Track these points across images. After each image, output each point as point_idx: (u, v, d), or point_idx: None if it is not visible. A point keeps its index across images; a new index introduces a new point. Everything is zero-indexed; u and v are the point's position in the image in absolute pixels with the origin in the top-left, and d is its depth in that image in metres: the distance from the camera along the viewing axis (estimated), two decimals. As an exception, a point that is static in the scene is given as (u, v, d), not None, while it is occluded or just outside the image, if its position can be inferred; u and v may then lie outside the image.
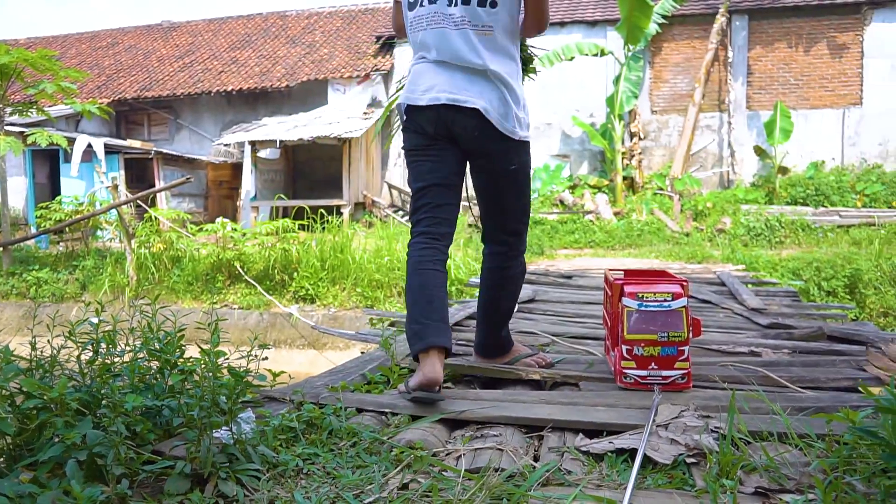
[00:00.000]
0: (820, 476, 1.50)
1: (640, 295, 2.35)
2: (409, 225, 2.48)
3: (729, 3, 14.59)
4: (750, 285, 6.13)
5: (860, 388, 1.82)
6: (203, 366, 1.73)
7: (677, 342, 2.33)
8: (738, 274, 7.23)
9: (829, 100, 14.69)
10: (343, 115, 16.21)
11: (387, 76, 16.88)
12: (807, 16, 14.74)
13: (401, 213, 15.72)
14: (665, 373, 2.33)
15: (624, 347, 2.35)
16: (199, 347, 1.77)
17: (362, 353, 3.17)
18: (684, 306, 2.35)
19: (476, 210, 2.81)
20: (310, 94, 17.47)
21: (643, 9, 13.12)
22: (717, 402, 2.14)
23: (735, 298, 5.00)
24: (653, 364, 2.32)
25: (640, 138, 15.02)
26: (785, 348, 3.14)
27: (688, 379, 2.36)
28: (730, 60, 14.94)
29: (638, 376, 2.34)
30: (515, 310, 2.88)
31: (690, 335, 2.38)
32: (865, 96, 14.49)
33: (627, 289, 2.37)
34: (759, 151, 14.29)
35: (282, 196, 14.07)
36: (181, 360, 1.89)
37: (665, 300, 2.34)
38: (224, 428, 1.66)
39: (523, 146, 2.43)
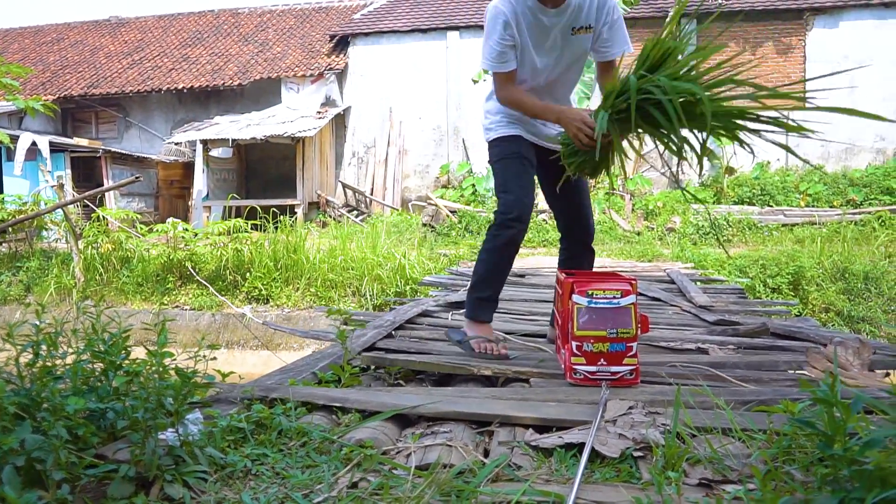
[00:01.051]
0: (761, 466, 1.54)
1: (590, 292, 2.38)
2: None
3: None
4: (698, 283, 6.26)
5: (799, 382, 1.88)
6: (149, 367, 1.70)
7: (626, 339, 2.37)
8: (687, 272, 7.38)
9: (773, 102, 15.04)
10: (297, 114, 16.06)
11: (341, 75, 16.78)
12: (753, 20, 15.11)
13: (355, 212, 15.65)
14: (614, 369, 2.37)
15: (574, 344, 2.38)
16: (146, 349, 1.74)
17: (314, 351, 3.15)
18: (633, 303, 2.39)
19: (430, 209, 3.16)
20: (263, 93, 17.27)
21: (595, 11, 13.26)
22: (665, 397, 2.19)
23: (684, 296, 5.10)
24: (602, 360, 2.36)
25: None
26: (731, 344, 3.22)
27: (636, 375, 2.40)
28: (679, 63, 15.20)
29: (587, 372, 2.37)
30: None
31: (639, 332, 2.42)
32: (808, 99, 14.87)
33: (577, 286, 2.40)
34: (708, 152, 14.57)
35: (234, 196, 13.88)
36: (127, 361, 1.85)
37: (614, 297, 2.37)
38: (170, 430, 1.64)
39: (489, 146, 2.98)
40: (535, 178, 2.97)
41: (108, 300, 8.88)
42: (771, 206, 13.20)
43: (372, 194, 16.23)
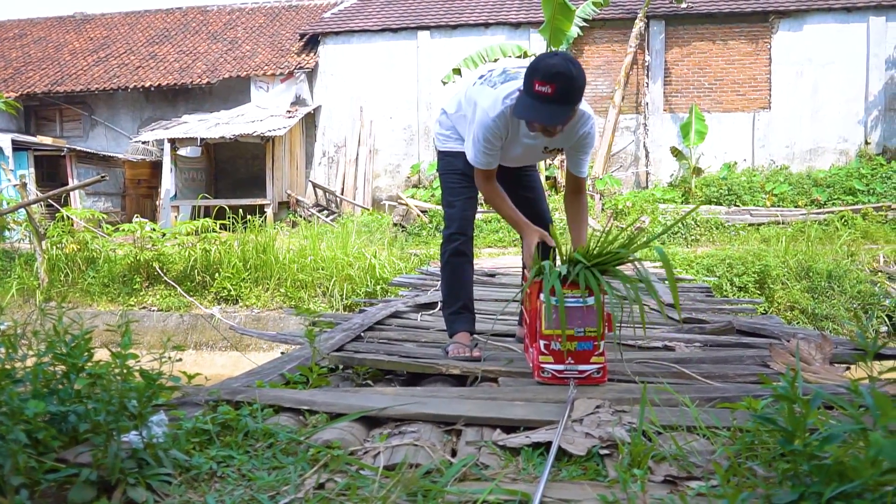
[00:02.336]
0: (724, 463, 1.56)
1: (558, 291, 2.40)
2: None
3: (647, 8, 15.01)
4: (666, 282, 6.32)
5: (761, 378, 1.91)
6: (113, 369, 1.67)
7: (593, 337, 2.39)
8: (655, 271, 7.45)
9: (740, 104, 15.31)
10: (266, 113, 15.95)
11: (311, 74, 16.68)
12: (719, 23, 15.32)
13: (325, 212, 15.58)
14: (581, 367, 2.38)
15: (542, 342, 2.39)
16: (110, 351, 1.71)
17: (282, 353, 3.13)
18: (601, 302, 2.41)
19: (401, 209, 3.30)
20: (232, 92, 17.11)
21: (565, 12, 13.37)
22: (631, 395, 2.21)
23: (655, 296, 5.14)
24: (569, 359, 2.37)
25: (562, 139, 15.28)
26: (697, 342, 3.26)
27: (603, 373, 2.42)
28: (647, 64, 15.39)
29: (555, 371, 2.38)
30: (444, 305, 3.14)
31: (606, 330, 2.43)
32: (774, 101, 15.17)
33: (545, 285, 2.42)
34: (676, 153, 14.78)
35: (203, 195, 13.73)
36: (90, 363, 1.82)
37: (581, 296, 2.39)
38: (134, 432, 1.61)
39: (438, 155, 3.17)
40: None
41: (72, 301, 8.74)
42: (738, 206, 13.40)
43: (342, 194, 16.16)
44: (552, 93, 2.42)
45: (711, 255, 9.47)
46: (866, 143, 14.90)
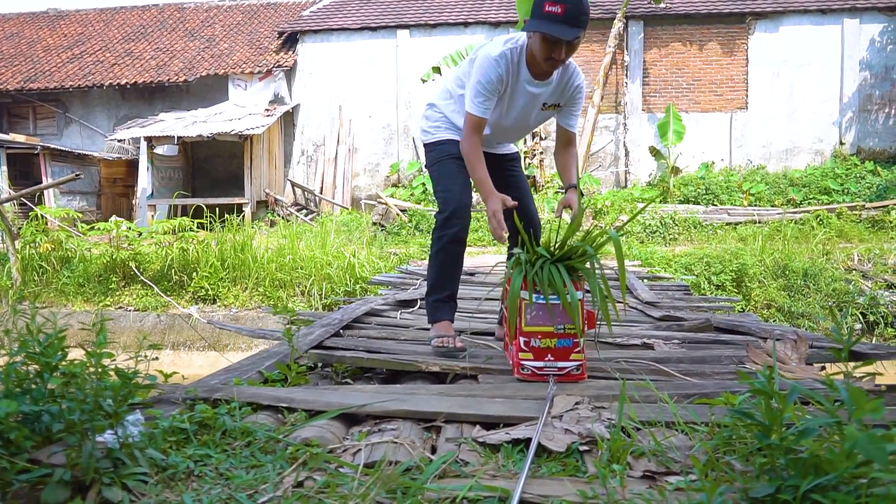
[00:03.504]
0: (702, 458, 1.57)
1: (538, 288, 2.40)
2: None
3: (625, 8, 15.10)
4: (645, 280, 6.37)
5: (738, 374, 1.92)
6: (88, 368, 1.65)
7: (573, 334, 2.39)
8: (634, 269, 7.50)
9: (718, 104, 15.46)
10: (244, 111, 15.84)
11: (290, 72, 16.60)
12: (697, 24, 15.45)
13: (304, 211, 15.50)
14: (561, 364, 2.39)
15: (521, 339, 2.40)
16: (85, 350, 1.68)
17: (260, 351, 3.10)
18: (580, 299, 2.42)
19: (380, 208, 3.23)
20: (209, 90, 16.98)
21: (543, 11, 13.38)
22: (611, 391, 2.22)
23: (631, 293, 5.18)
24: (549, 356, 2.38)
25: (541, 138, 15.36)
26: (675, 339, 3.28)
27: (582, 370, 2.42)
28: (626, 64, 15.48)
29: (535, 367, 2.39)
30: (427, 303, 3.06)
31: (585, 327, 2.44)
32: (751, 101, 15.33)
33: (526, 282, 2.42)
34: (654, 152, 14.88)
35: (181, 194, 13.61)
36: (64, 362, 1.79)
37: (560, 293, 2.39)
38: (109, 431, 1.59)
39: (427, 148, 3.10)
40: None
41: (47, 301, 8.62)
42: (715, 206, 13.52)
43: (321, 193, 16.10)
44: (562, 13, 2.50)
45: (690, 254, 9.54)
46: (841, 143, 15.10)
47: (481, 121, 2.75)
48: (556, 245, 2.53)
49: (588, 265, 2.48)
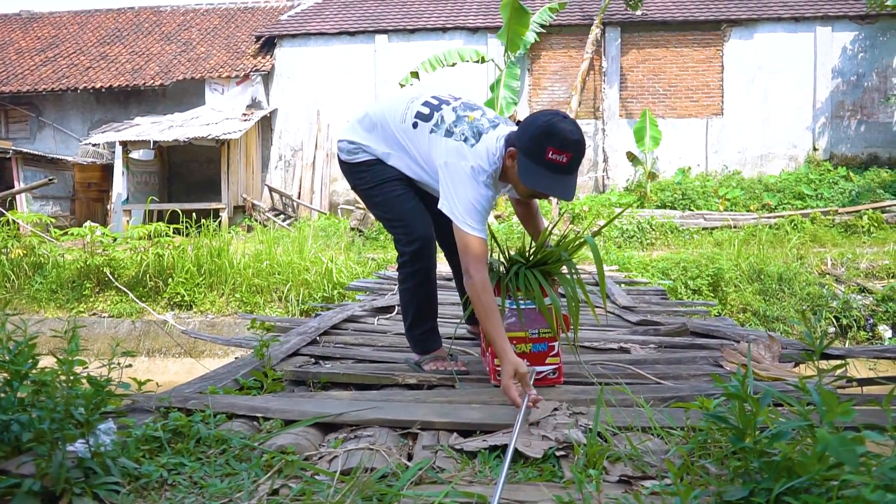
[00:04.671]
0: (677, 462, 1.58)
1: (512, 294, 2.41)
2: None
3: (603, 15, 15.21)
4: (622, 285, 6.41)
5: (713, 378, 1.94)
6: (59, 376, 1.62)
7: (548, 339, 2.40)
8: (612, 274, 7.54)
9: (694, 110, 15.61)
10: (221, 115, 15.73)
11: (267, 77, 16.52)
12: (673, 30, 15.61)
13: (282, 216, 15.43)
14: (538, 369, 2.38)
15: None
16: (56, 357, 1.66)
17: (237, 358, 3.08)
18: (549, 304, 2.42)
19: (358, 213, 3.04)
20: (186, 94, 16.84)
21: (522, 18, 13.48)
22: (588, 396, 2.22)
23: (608, 297, 5.21)
24: (525, 361, 2.35)
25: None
26: (652, 343, 3.30)
27: (559, 374, 2.43)
28: (604, 70, 15.59)
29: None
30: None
31: (560, 332, 2.45)
32: (726, 107, 15.50)
33: (499, 288, 2.42)
34: (631, 157, 15.00)
35: (156, 199, 13.48)
36: (34, 370, 1.76)
37: (535, 298, 2.40)
38: (80, 441, 1.57)
39: (354, 168, 2.74)
40: None
41: (18, 308, 8.49)
42: (692, 210, 13.64)
43: (299, 198, 16.03)
44: (566, 162, 2.24)
45: (666, 259, 9.62)
46: (814, 149, 15.32)
47: (485, 244, 2.36)
48: (531, 251, 2.53)
49: (564, 269, 2.49)
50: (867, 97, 15.26)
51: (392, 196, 2.66)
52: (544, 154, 2.21)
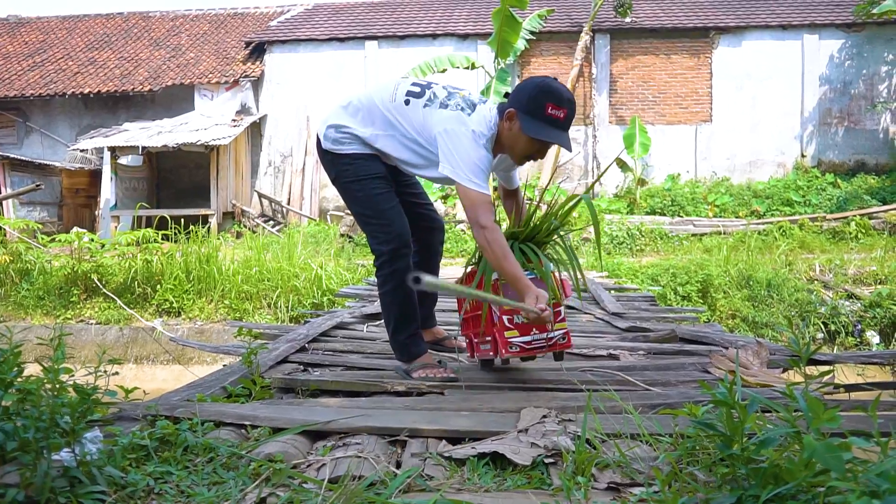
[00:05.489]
0: (666, 469, 1.58)
1: None
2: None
3: (592, 22, 15.28)
4: (612, 291, 6.42)
5: (701, 385, 1.94)
6: (45, 384, 1.61)
7: (553, 304, 2.41)
8: (601, 280, 7.56)
9: (683, 116, 15.69)
10: (210, 121, 15.69)
11: (257, 83, 16.50)
12: (663, 37, 15.70)
13: (271, 222, 15.39)
14: (547, 335, 2.44)
15: (505, 318, 2.43)
16: (42, 365, 1.64)
17: (224, 366, 3.07)
18: (551, 271, 2.47)
19: (348, 219, 3.14)
20: (175, 100, 16.80)
21: (512, 24, 13.52)
22: (577, 402, 2.22)
23: (598, 304, 5.22)
24: (534, 329, 2.41)
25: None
26: (641, 350, 3.31)
27: (567, 339, 2.49)
28: (593, 76, 15.66)
29: (522, 343, 2.43)
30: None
31: (563, 296, 2.49)
32: (715, 114, 15.59)
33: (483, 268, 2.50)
34: (621, 164, 15.05)
35: (144, 205, 13.42)
36: (20, 378, 1.75)
37: (532, 269, 2.46)
38: (66, 450, 1.55)
39: (336, 158, 2.75)
40: None
41: (4, 315, 8.43)
42: (681, 217, 13.70)
43: (289, 204, 15.99)
44: (563, 118, 2.42)
45: (656, 265, 9.65)
46: (802, 155, 15.42)
47: (490, 198, 2.48)
48: (521, 226, 2.60)
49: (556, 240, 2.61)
50: (854, 104, 15.39)
51: (374, 193, 2.70)
52: (544, 110, 2.41)
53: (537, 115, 2.41)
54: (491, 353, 2.66)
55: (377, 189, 2.71)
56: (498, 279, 2.46)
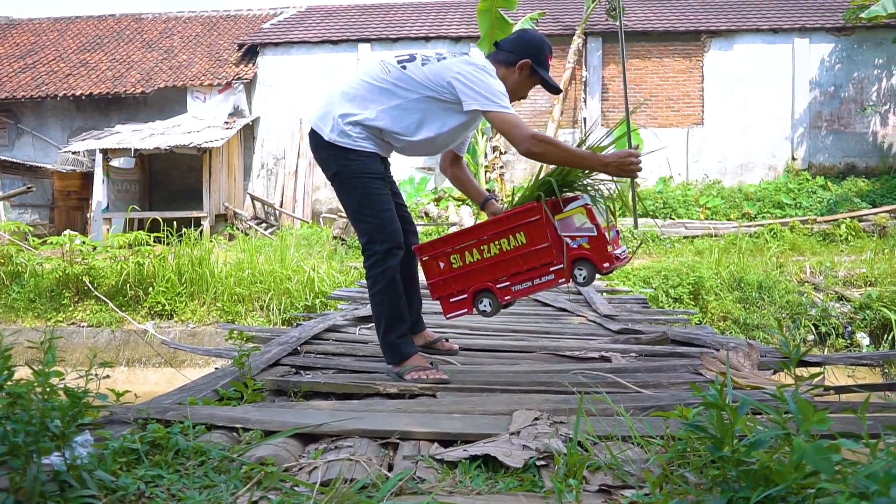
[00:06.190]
0: (657, 471, 1.59)
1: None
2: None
3: (584, 25, 15.32)
4: (604, 293, 6.43)
5: (692, 387, 1.95)
6: (35, 387, 1.60)
7: (612, 226, 2.89)
8: (593, 283, 7.55)
9: (675, 119, 15.75)
10: (203, 123, 15.66)
11: (249, 85, 16.47)
12: (654, 41, 15.75)
13: (264, 225, 15.36)
14: (621, 249, 2.87)
15: (611, 233, 2.83)
16: (32, 368, 1.64)
17: (216, 369, 3.06)
18: (586, 204, 2.83)
19: (341, 222, 3.24)
20: (167, 102, 16.75)
21: (503, 27, 13.55)
22: (569, 405, 2.23)
23: (589, 306, 5.23)
24: (615, 244, 2.83)
25: (501, 152, 15.46)
26: (633, 352, 3.31)
27: (626, 255, 2.94)
28: (586, 80, 15.70)
29: (617, 254, 2.82)
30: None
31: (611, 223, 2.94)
32: (706, 117, 15.65)
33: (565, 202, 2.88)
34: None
35: (136, 207, 13.38)
36: (9, 382, 1.74)
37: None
38: (56, 454, 1.54)
39: (341, 152, 2.74)
40: None
41: (-4, 318, 8.38)
42: (673, 219, 13.73)
43: (282, 207, 15.97)
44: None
45: (648, 268, 9.66)
46: (793, 158, 15.50)
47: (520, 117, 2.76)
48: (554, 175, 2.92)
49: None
50: (844, 108, 15.47)
51: (374, 192, 2.76)
52: (546, 61, 2.88)
53: (543, 65, 2.85)
54: (465, 310, 2.89)
55: (377, 189, 2.76)
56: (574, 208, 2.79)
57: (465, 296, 2.87)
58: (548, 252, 2.80)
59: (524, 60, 2.79)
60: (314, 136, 2.82)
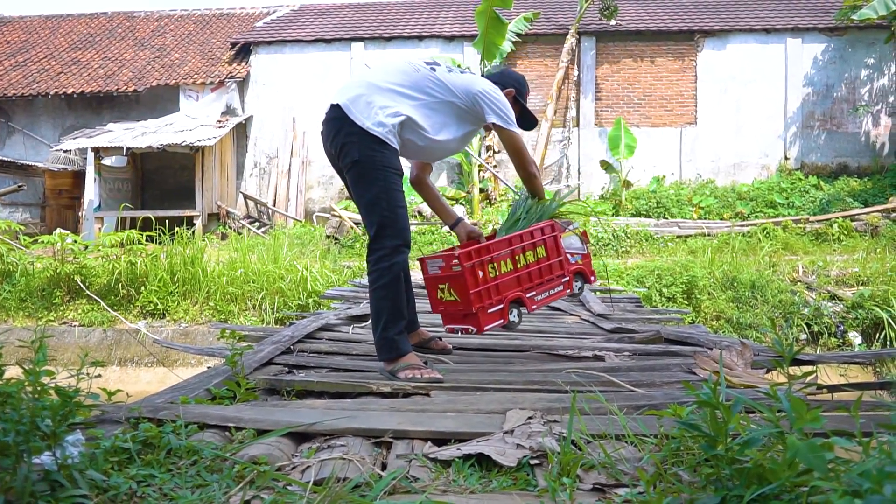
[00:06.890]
0: (650, 469, 1.59)
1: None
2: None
3: (578, 24, 15.34)
4: (597, 293, 6.44)
5: (685, 385, 1.95)
6: (25, 387, 1.59)
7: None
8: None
9: (668, 119, 15.78)
10: (196, 122, 15.61)
11: (242, 84, 16.43)
12: (648, 40, 15.78)
13: (257, 224, 15.32)
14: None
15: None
16: (23, 368, 1.62)
17: (209, 368, 3.05)
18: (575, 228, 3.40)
19: (334, 221, 3.32)
20: (160, 100, 16.70)
21: (498, 26, 13.56)
22: (562, 404, 2.22)
23: (583, 305, 5.23)
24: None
25: (495, 151, 15.47)
26: (626, 351, 3.32)
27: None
28: (579, 79, 15.71)
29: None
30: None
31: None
32: (700, 116, 15.69)
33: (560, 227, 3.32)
34: (606, 166, 15.11)
35: (128, 206, 13.33)
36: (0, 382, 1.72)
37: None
38: (47, 453, 1.53)
39: (373, 141, 2.76)
40: None
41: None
42: (666, 219, 13.76)
43: (275, 205, 15.93)
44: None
45: (641, 267, 9.68)
46: (786, 158, 15.55)
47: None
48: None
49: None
50: (836, 107, 15.54)
51: (393, 186, 2.79)
52: (526, 95, 3.27)
53: (524, 97, 3.23)
54: (501, 320, 3.03)
55: (397, 185, 2.82)
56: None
57: (501, 306, 3.03)
58: (560, 265, 3.23)
59: (509, 89, 3.14)
60: (341, 120, 2.78)
